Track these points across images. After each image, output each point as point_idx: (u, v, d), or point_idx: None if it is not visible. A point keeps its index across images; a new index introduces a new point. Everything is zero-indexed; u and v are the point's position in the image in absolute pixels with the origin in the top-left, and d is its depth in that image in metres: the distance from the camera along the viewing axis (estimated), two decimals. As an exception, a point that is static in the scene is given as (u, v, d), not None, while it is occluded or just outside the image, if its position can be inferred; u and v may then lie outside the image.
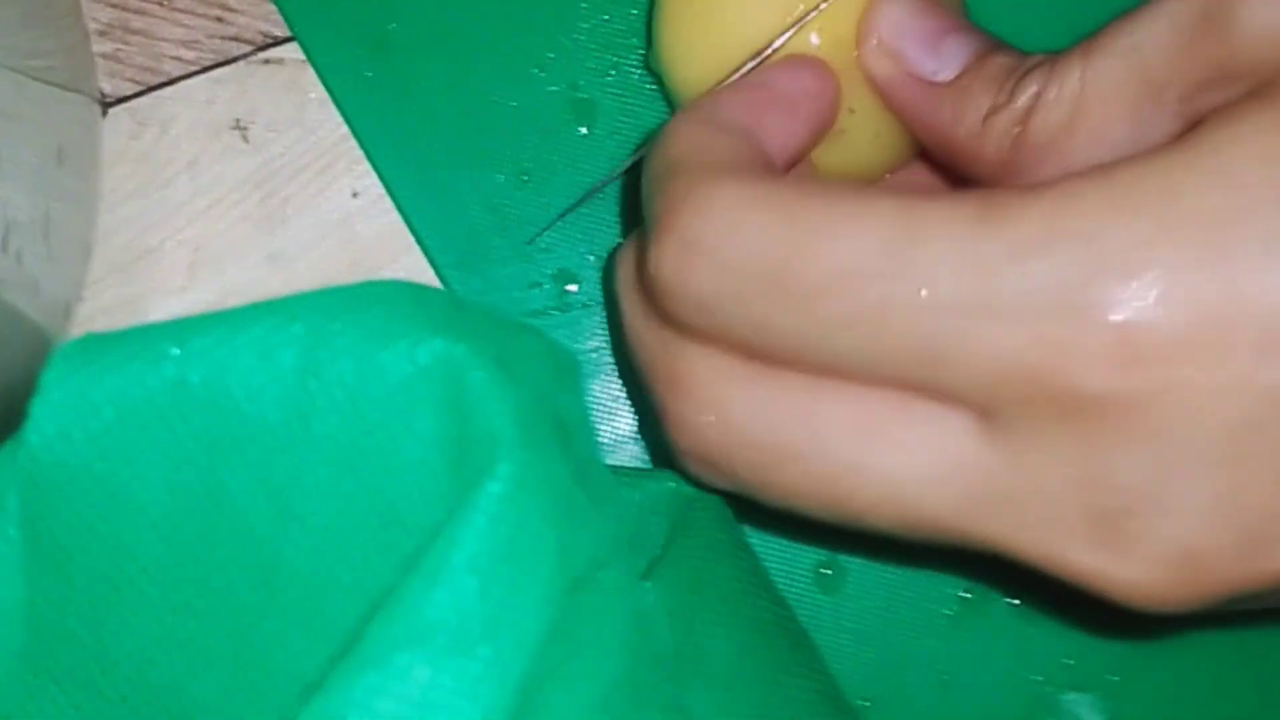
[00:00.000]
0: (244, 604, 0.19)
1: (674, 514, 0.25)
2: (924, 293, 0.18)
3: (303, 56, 0.33)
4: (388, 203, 0.32)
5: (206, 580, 0.18)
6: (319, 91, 0.33)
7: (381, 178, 0.32)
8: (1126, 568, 0.19)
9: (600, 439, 0.32)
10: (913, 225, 0.19)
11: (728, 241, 0.20)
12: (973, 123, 0.23)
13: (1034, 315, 0.18)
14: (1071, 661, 0.31)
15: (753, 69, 0.26)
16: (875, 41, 0.25)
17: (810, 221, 0.19)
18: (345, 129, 0.33)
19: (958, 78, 0.24)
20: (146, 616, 0.19)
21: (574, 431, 0.19)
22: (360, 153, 0.33)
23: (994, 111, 0.23)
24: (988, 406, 0.19)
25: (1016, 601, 0.31)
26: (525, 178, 0.32)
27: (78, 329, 0.32)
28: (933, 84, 0.24)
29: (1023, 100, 0.22)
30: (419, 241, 0.32)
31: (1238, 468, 0.18)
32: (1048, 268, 0.18)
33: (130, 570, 0.18)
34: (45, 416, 0.17)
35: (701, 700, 0.23)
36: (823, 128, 0.25)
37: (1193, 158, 0.18)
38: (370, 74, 0.32)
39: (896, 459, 0.20)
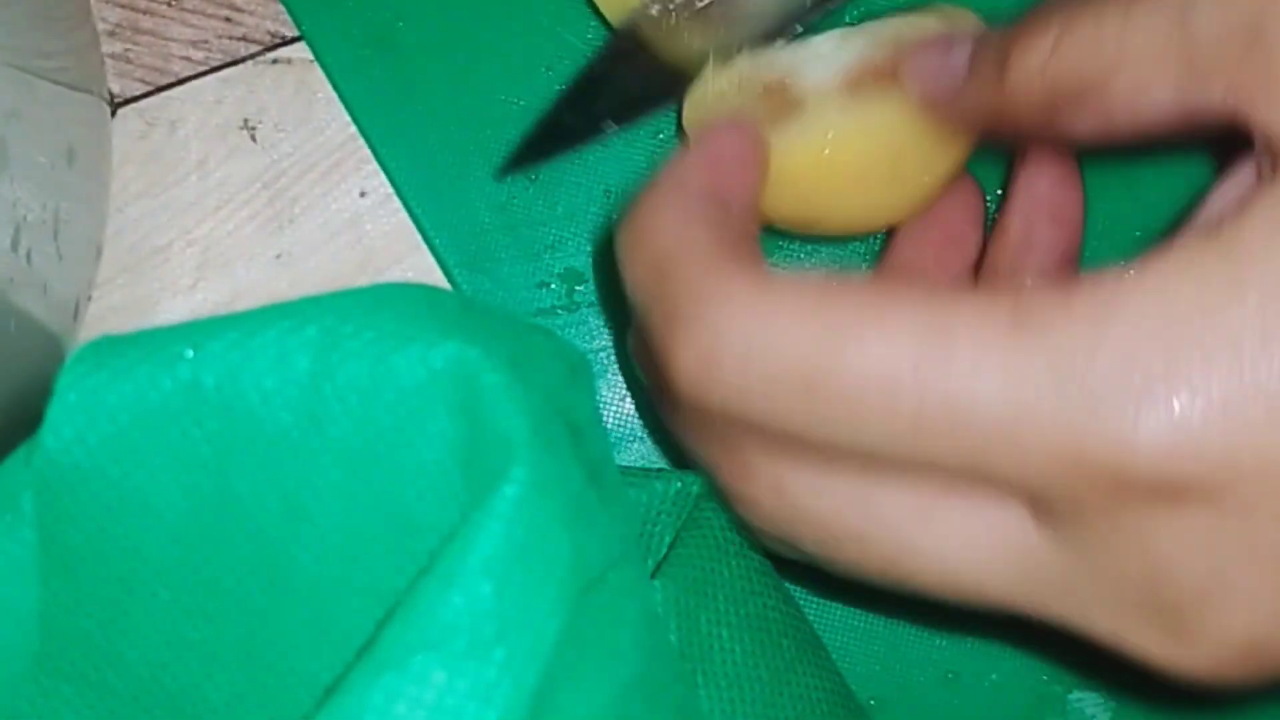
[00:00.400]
0: (256, 606, 0.19)
1: (680, 514, 0.25)
2: (962, 398, 0.18)
3: (311, 56, 0.33)
4: (395, 202, 0.33)
5: (219, 582, 0.18)
6: (327, 91, 0.33)
7: (389, 177, 0.32)
8: (1190, 653, 0.19)
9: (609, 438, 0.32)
10: (945, 330, 0.19)
11: (752, 346, 0.20)
12: (996, 90, 0.23)
13: (1078, 424, 0.18)
14: (1077, 660, 0.31)
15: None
16: (913, 85, 0.26)
17: (838, 324, 0.19)
18: (353, 129, 0.33)
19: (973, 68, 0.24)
20: (159, 618, 0.19)
21: (586, 432, 0.19)
22: (368, 152, 0.33)
23: (1016, 68, 0.22)
24: (1038, 500, 0.19)
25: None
26: (533, 177, 0.32)
27: (87, 329, 0.32)
28: (959, 85, 0.25)
29: (1037, 53, 0.22)
30: (427, 241, 0.32)
31: None
32: (1087, 382, 0.18)
33: (143, 572, 0.18)
34: (61, 419, 0.17)
35: (709, 699, 0.23)
36: (764, 176, 0.26)
37: (1215, 269, 0.18)
38: (378, 73, 0.32)
39: (951, 544, 0.20)
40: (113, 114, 0.33)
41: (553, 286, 0.32)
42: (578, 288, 0.32)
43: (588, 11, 0.32)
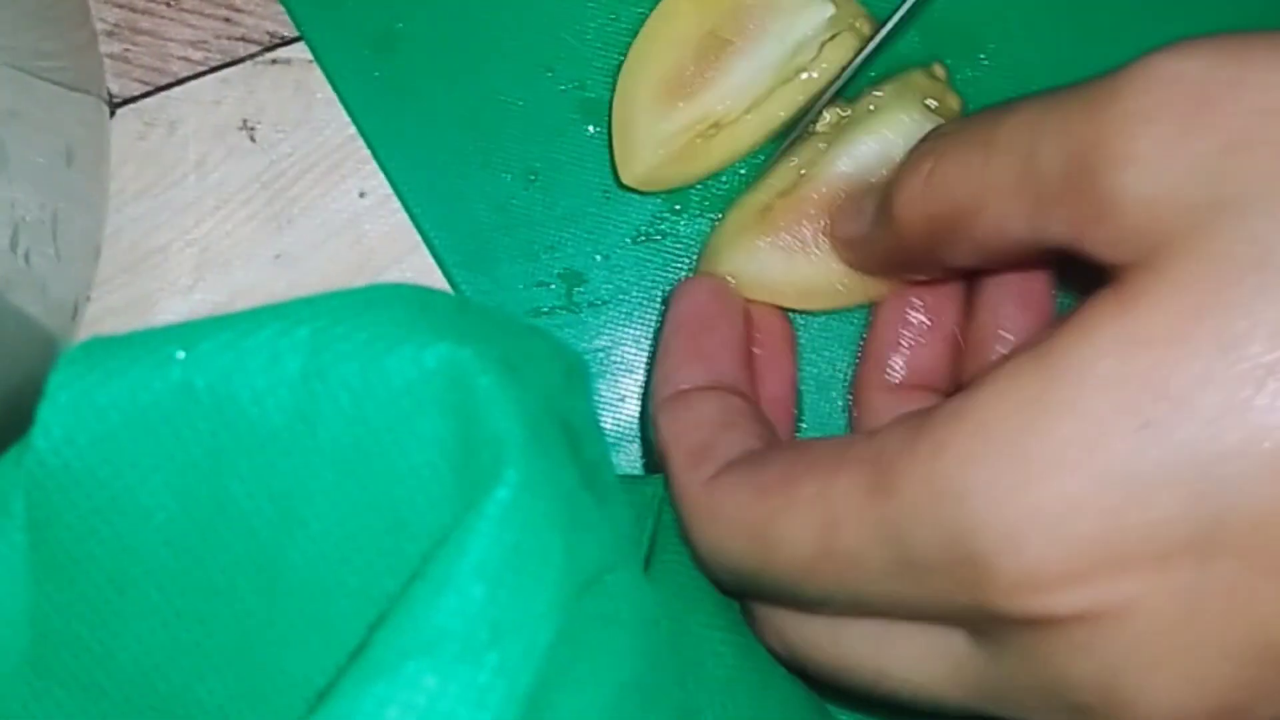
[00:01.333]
0: (249, 608, 0.18)
1: (656, 520, 0.25)
2: (862, 564, 0.21)
3: (310, 56, 0.33)
4: (395, 203, 0.32)
5: (211, 585, 0.18)
6: (326, 91, 0.33)
7: (389, 177, 0.32)
8: None
9: (607, 438, 0.32)
10: (828, 510, 0.21)
11: (716, 553, 0.24)
12: (889, 228, 0.25)
13: (948, 562, 0.19)
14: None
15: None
16: (837, 246, 0.29)
17: (761, 529, 0.22)
18: (352, 129, 0.33)
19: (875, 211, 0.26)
20: (151, 621, 0.19)
21: (582, 434, 0.19)
22: (367, 153, 0.32)
23: (897, 201, 0.24)
24: (959, 626, 0.21)
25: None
26: (533, 177, 0.32)
27: (85, 329, 0.32)
28: (868, 234, 0.27)
29: (914, 184, 0.23)
30: (426, 241, 0.32)
31: (1183, 657, 0.19)
32: (938, 526, 0.19)
33: (135, 574, 0.18)
34: (52, 420, 0.17)
35: (701, 701, 0.23)
36: (737, 316, 0.29)
37: (1028, 386, 0.19)
38: (378, 74, 0.32)
39: (910, 664, 0.22)
40: (111, 114, 0.33)
41: (553, 287, 0.32)
42: (578, 288, 0.32)
43: (588, 13, 0.32)
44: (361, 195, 0.33)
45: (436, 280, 0.33)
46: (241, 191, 0.33)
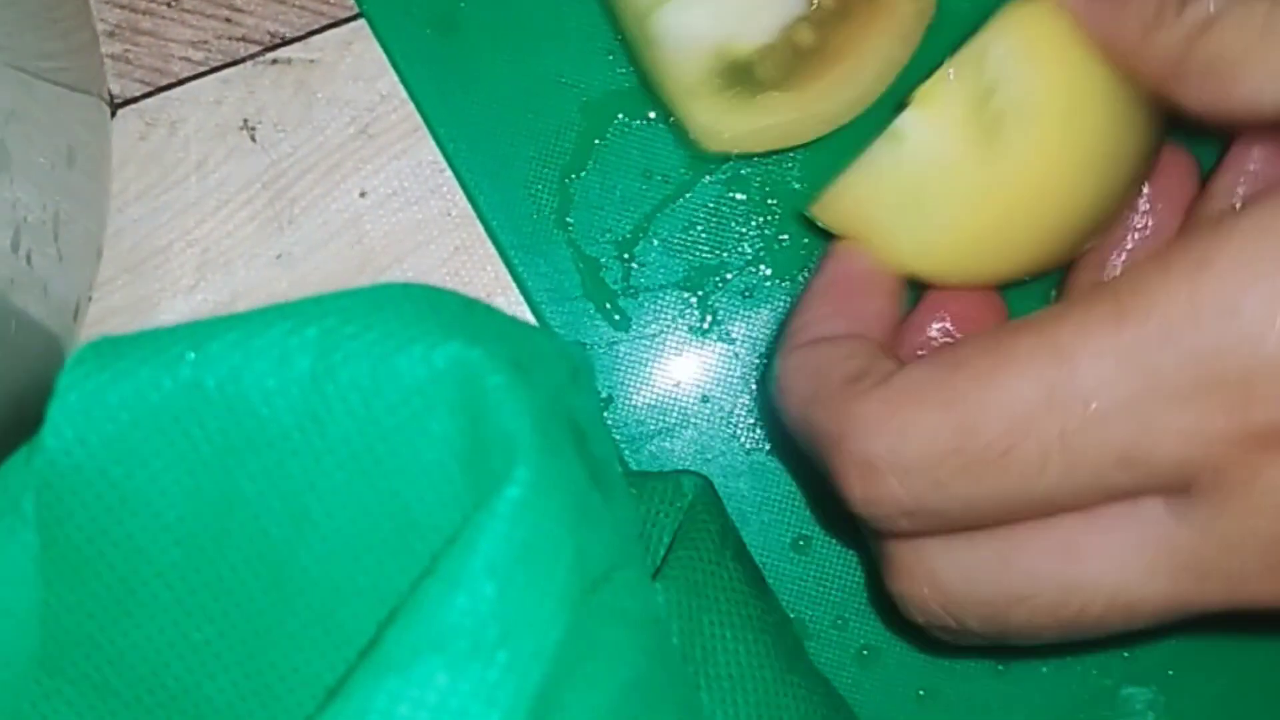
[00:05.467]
0: (259, 607, 0.19)
1: (678, 516, 0.25)
2: (1094, 406, 0.19)
3: (310, 56, 0.33)
4: (396, 202, 0.33)
5: (221, 583, 0.18)
6: (327, 91, 0.33)
7: (446, 156, 0.32)
8: None
9: (649, 430, 0.32)
10: (1058, 352, 0.19)
11: (899, 449, 0.21)
12: (1139, 36, 0.23)
13: (1206, 383, 0.18)
14: (1128, 655, 0.31)
15: None
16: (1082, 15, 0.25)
17: (963, 395, 0.20)
18: (353, 129, 0.33)
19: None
20: (161, 619, 0.19)
21: (588, 433, 0.19)
22: (368, 152, 0.33)
23: (1162, 24, 0.22)
24: (1181, 485, 0.20)
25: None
26: (592, 161, 0.32)
27: (87, 330, 0.32)
28: (1115, 6, 0.24)
29: (1190, 16, 0.22)
30: (482, 220, 0.32)
31: None
32: (1202, 338, 0.18)
33: (145, 573, 0.18)
34: (62, 420, 0.17)
35: (712, 701, 0.23)
36: (893, 293, 0.26)
37: None
38: (438, 54, 0.32)
39: (1101, 565, 0.21)
40: (112, 115, 0.33)
41: (611, 270, 0.32)
42: (634, 268, 0.32)
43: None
44: (362, 195, 0.33)
45: (438, 280, 0.33)
46: (242, 192, 0.33)
